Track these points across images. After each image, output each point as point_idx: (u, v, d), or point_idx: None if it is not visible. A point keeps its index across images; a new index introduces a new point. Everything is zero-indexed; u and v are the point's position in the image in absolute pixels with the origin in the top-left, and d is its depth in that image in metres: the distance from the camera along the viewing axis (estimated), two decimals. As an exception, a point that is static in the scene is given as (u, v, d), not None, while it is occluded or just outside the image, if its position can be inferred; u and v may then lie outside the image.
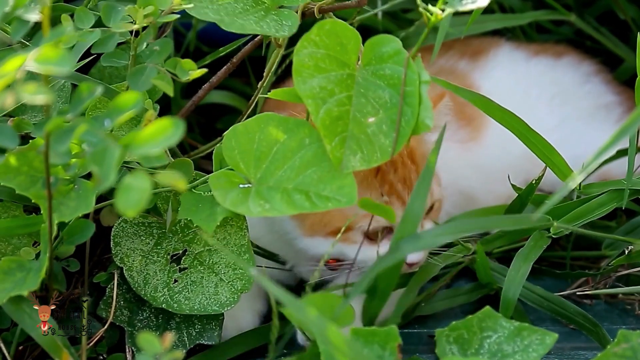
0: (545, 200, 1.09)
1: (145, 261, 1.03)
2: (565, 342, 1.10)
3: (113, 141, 0.78)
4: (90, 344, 1.01)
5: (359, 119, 0.92)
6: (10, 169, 0.91)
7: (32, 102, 0.75)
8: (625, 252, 1.10)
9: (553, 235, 1.07)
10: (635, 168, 1.10)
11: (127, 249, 1.03)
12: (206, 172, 1.00)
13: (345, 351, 0.79)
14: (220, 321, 1.03)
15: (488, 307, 0.95)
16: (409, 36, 1.34)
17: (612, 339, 0.94)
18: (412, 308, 1.11)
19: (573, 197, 1.12)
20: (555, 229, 1.06)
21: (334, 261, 1.08)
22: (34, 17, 0.86)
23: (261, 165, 0.94)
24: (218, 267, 1.02)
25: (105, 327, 1.02)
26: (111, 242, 1.03)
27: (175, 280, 1.02)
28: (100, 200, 0.98)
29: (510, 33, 1.49)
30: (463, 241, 1.12)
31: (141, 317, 1.04)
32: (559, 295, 1.11)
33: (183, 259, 1.03)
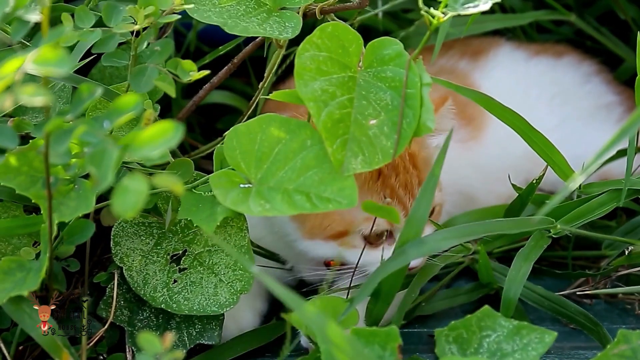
0: (545, 200, 1.10)
1: (145, 261, 1.02)
2: (565, 342, 1.10)
3: (112, 142, 0.78)
4: (90, 344, 1.01)
5: (360, 121, 0.92)
6: (10, 169, 0.91)
7: (31, 104, 0.75)
8: (625, 252, 1.10)
9: (553, 235, 1.07)
10: (635, 168, 1.10)
11: (127, 248, 1.03)
12: (206, 172, 1.00)
13: (345, 350, 0.79)
14: (220, 321, 1.03)
15: (487, 307, 0.95)
16: (410, 36, 1.34)
17: (612, 339, 0.94)
18: (413, 308, 1.11)
19: (573, 197, 1.12)
20: (556, 230, 1.06)
21: (334, 263, 1.08)
22: (34, 18, 0.86)
23: (262, 166, 0.94)
24: (218, 268, 1.02)
25: (106, 327, 1.02)
26: (111, 242, 1.03)
27: (174, 281, 1.01)
28: (100, 200, 0.98)
29: (510, 33, 1.49)
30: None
31: (141, 317, 1.04)
32: (559, 294, 1.11)
33: (183, 259, 1.03)
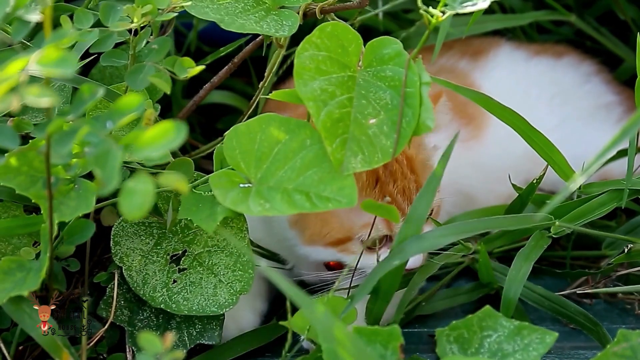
0: (546, 200, 1.10)
1: (144, 261, 1.02)
2: (565, 342, 1.10)
3: (115, 143, 0.78)
4: (90, 344, 1.01)
5: (360, 121, 0.92)
6: (10, 169, 0.91)
7: (37, 105, 0.75)
8: (625, 252, 1.10)
9: (553, 235, 1.07)
10: (635, 168, 1.10)
11: (127, 248, 1.03)
12: (207, 172, 0.99)
13: (348, 348, 0.79)
14: (220, 321, 1.03)
15: (488, 307, 0.95)
16: (410, 36, 1.34)
17: (612, 339, 0.94)
18: (413, 308, 1.11)
19: (573, 197, 1.12)
20: (556, 229, 1.06)
21: (335, 264, 1.08)
22: (34, 18, 0.86)
23: (262, 166, 0.94)
24: (217, 268, 1.02)
25: (106, 327, 1.02)
26: (111, 242, 1.03)
27: (174, 281, 1.01)
28: (100, 200, 0.98)
29: (510, 33, 1.49)
30: (463, 241, 1.12)
31: (141, 317, 1.04)
32: (559, 294, 1.11)
33: (182, 259, 1.03)
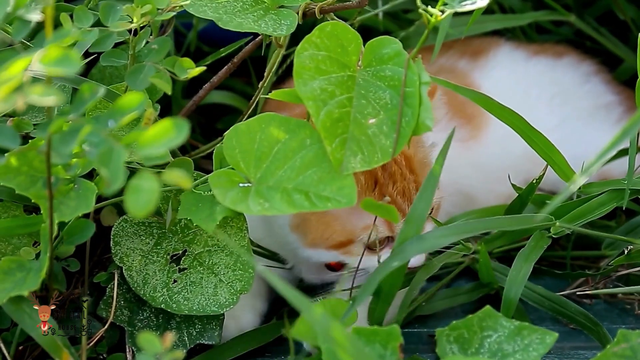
0: (546, 200, 1.10)
1: (144, 261, 1.02)
2: (565, 342, 1.10)
3: (118, 142, 0.78)
4: (90, 344, 1.01)
5: (359, 120, 0.92)
6: (10, 169, 0.91)
7: (41, 104, 0.75)
8: (625, 252, 1.10)
9: (554, 235, 1.07)
10: (635, 168, 1.10)
11: (127, 248, 1.03)
12: (206, 172, 0.99)
13: (347, 348, 0.79)
14: (220, 321, 1.03)
15: (488, 307, 0.95)
16: (410, 36, 1.34)
17: (612, 339, 0.94)
18: (413, 308, 1.11)
19: (573, 197, 1.12)
20: (556, 229, 1.06)
21: (337, 264, 1.08)
22: (35, 17, 0.86)
23: (261, 165, 0.94)
24: (217, 268, 1.02)
25: (106, 327, 1.02)
26: (111, 242, 1.03)
27: (174, 281, 1.01)
28: (100, 200, 0.98)
29: (510, 33, 1.49)
30: (464, 241, 1.12)
31: (141, 317, 1.04)
32: (560, 294, 1.11)
33: (183, 259, 1.03)
